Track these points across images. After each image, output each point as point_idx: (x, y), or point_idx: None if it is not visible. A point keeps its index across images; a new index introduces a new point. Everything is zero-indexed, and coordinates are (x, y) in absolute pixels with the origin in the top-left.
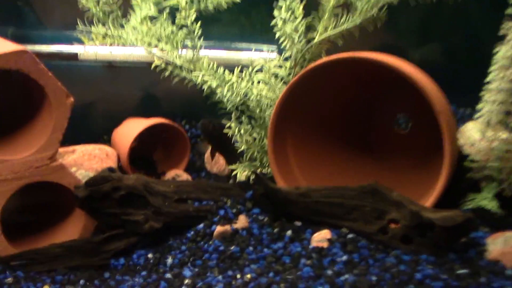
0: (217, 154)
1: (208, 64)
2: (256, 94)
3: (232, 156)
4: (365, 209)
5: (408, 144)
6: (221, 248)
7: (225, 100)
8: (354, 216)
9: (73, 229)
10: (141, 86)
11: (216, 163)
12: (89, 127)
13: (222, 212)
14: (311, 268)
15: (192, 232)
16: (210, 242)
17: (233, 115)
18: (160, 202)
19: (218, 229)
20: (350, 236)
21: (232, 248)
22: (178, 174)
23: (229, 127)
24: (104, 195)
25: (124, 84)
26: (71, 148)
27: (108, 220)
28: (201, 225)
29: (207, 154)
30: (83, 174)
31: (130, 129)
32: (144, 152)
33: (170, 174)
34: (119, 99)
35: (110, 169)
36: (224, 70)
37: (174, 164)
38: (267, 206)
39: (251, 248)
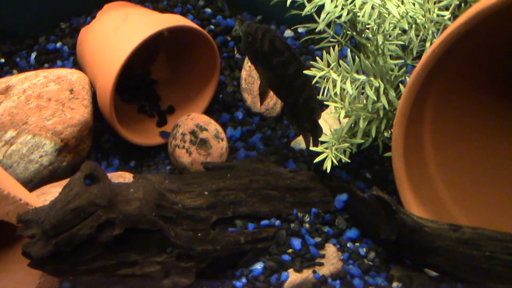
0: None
1: None
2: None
3: (304, 111)
4: None
5: None
6: None
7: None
8: None
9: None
10: None
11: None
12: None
13: (297, 243)
14: None
15: (243, 280)
16: None
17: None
18: (189, 235)
19: (292, 278)
20: None
21: None
22: (200, 124)
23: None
24: (83, 242)
25: None
26: None
27: (92, 279)
28: (259, 266)
29: (245, 72)
30: (29, 144)
31: (117, 33)
32: (136, 68)
33: (186, 125)
34: None
35: (88, 177)
36: None
37: (190, 94)
38: (373, 230)
39: None
